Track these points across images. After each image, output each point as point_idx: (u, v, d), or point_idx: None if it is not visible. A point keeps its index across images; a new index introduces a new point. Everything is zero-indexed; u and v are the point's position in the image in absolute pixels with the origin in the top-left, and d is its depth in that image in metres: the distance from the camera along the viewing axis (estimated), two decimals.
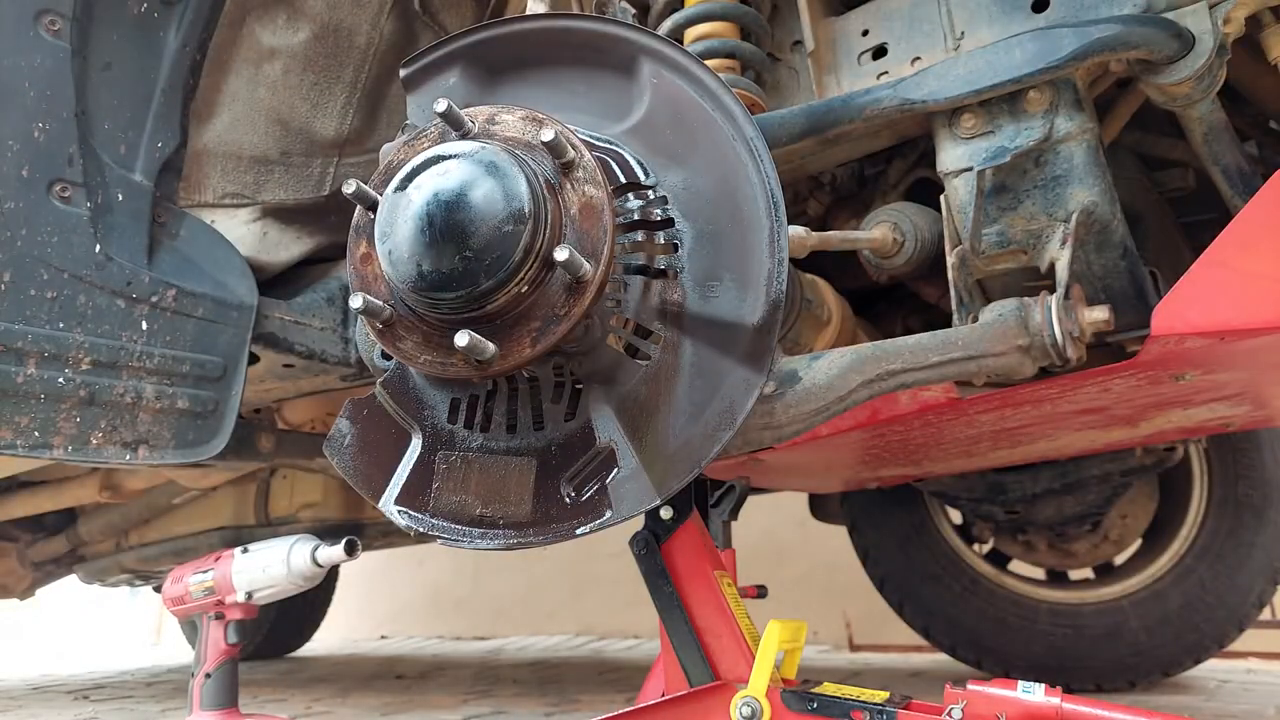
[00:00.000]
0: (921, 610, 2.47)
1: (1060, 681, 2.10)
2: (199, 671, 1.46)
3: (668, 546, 1.23)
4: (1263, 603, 2.18)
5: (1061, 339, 0.90)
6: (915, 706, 1.04)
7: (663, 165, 0.86)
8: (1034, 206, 1.03)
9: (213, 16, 1.29)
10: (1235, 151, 1.08)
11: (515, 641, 4.46)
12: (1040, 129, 1.00)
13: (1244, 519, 2.19)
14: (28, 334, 1.12)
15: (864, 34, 1.14)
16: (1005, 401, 1.25)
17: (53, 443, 1.14)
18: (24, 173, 1.13)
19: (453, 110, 0.80)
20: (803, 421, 0.95)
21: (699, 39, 1.14)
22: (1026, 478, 2.24)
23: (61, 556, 2.83)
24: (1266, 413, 1.64)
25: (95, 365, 1.17)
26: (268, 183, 1.40)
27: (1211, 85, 0.97)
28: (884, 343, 0.96)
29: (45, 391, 1.14)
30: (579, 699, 2.49)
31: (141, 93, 1.26)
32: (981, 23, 1.06)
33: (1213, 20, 0.93)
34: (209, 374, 1.28)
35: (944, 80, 1.01)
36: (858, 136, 1.10)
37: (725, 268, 0.83)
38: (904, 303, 1.46)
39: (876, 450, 1.64)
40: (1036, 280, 1.05)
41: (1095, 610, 2.29)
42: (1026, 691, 1.03)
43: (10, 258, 1.11)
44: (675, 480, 0.80)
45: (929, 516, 2.49)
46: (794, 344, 1.16)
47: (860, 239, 1.14)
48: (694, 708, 1.11)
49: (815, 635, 3.57)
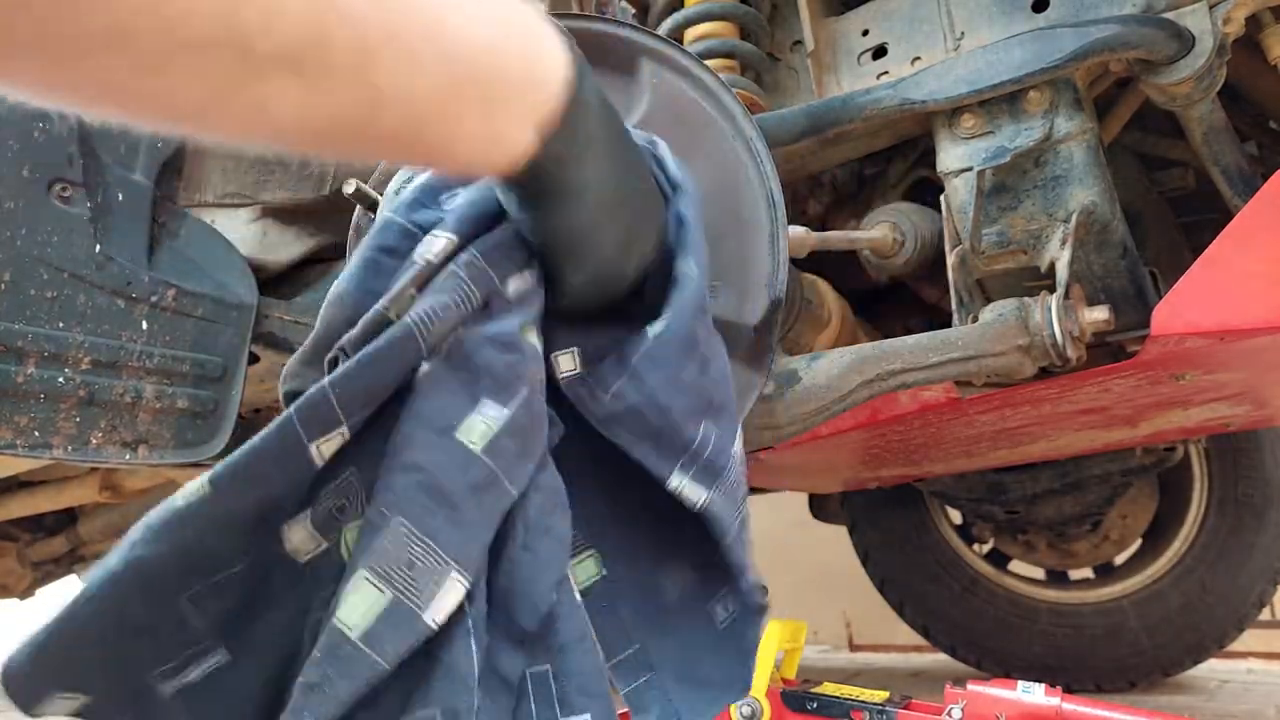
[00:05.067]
0: (921, 610, 2.47)
1: (1060, 681, 2.09)
2: None
3: None
4: (1263, 603, 2.18)
5: (1061, 339, 0.90)
6: (915, 706, 1.05)
7: None
8: (1034, 206, 1.03)
9: None
10: (1235, 151, 1.08)
11: None
12: (1040, 129, 1.00)
13: (1244, 519, 2.19)
14: (28, 334, 1.12)
15: (864, 34, 1.14)
16: (1005, 401, 1.25)
17: (52, 443, 1.14)
18: (24, 172, 1.13)
19: None
20: (803, 421, 0.95)
21: (699, 39, 1.14)
22: (1026, 478, 2.24)
23: (61, 556, 2.82)
24: (1266, 413, 1.64)
25: (95, 365, 1.17)
26: (268, 182, 1.40)
27: (1211, 85, 0.97)
28: (884, 343, 0.96)
29: (45, 391, 1.14)
30: None
31: None
32: (981, 23, 1.06)
33: (1213, 20, 0.93)
34: (209, 374, 1.28)
35: (944, 80, 1.01)
36: (858, 136, 1.10)
37: (725, 268, 0.83)
38: (904, 303, 1.47)
39: (876, 450, 1.64)
40: (1036, 280, 1.05)
41: (1095, 610, 2.29)
42: (1026, 691, 1.03)
43: (10, 257, 1.11)
44: None
45: (929, 516, 2.49)
46: (794, 344, 1.16)
47: (860, 239, 1.14)
48: None
49: (815, 635, 3.57)
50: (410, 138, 0.45)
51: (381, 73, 0.41)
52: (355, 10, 0.39)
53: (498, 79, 0.46)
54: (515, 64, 0.48)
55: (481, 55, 0.45)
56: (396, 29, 0.41)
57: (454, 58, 0.44)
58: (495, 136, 0.48)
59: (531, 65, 0.49)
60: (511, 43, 0.47)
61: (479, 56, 0.45)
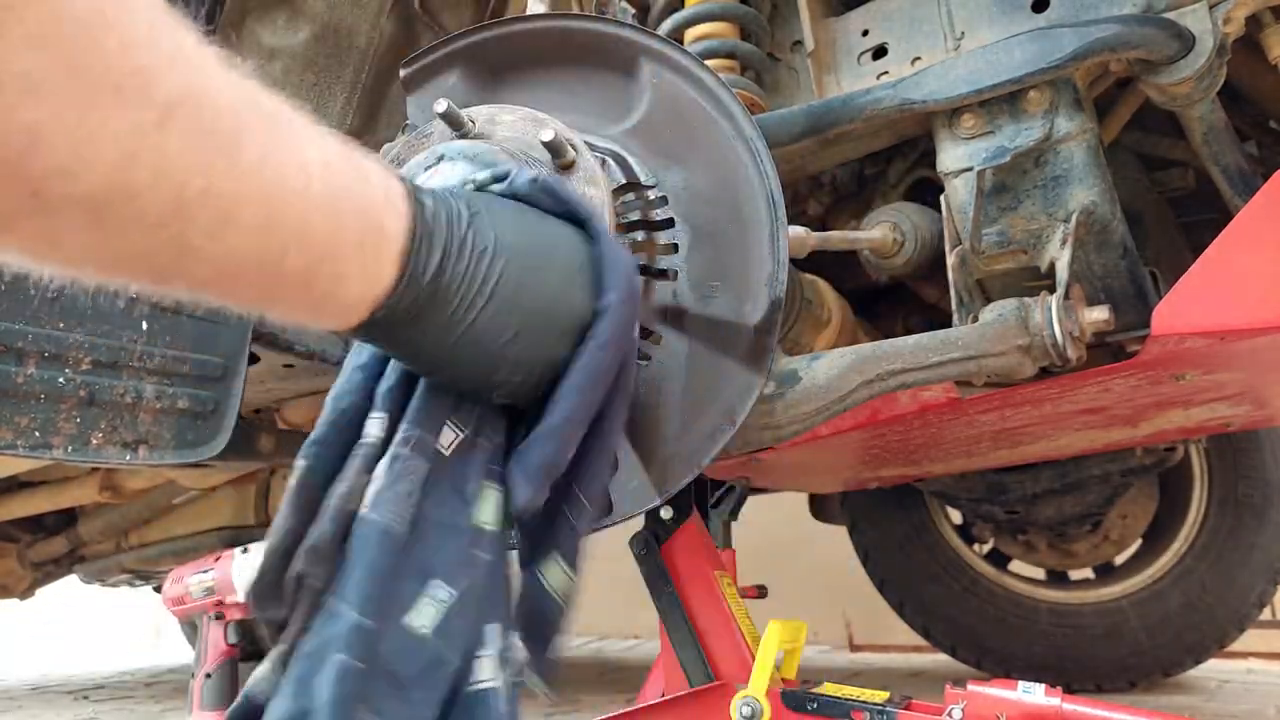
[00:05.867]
0: (921, 610, 2.47)
1: (1060, 681, 2.09)
2: (199, 671, 1.46)
3: (668, 547, 1.23)
4: (1263, 603, 2.18)
5: (1061, 339, 0.90)
6: (915, 706, 1.05)
7: (663, 165, 0.86)
8: (1034, 206, 1.03)
9: (212, 17, 1.29)
10: (1235, 151, 1.08)
11: None
12: (1040, 129, 1.00)
13: (1244, 519, 2.19)
14: (28, 334, 1.12)
15: (864, 34, 1.14)
16: (1005, 401, 1.25)
17: (53, 443, 1.14)
18: None
19: (452, 110, 0.80)
20: (802, 421, 0.95)
21: (699, 39, 1.14)
22: (1027, 478, 2.24)
23: (61, 557, 2.82)
24: (1266, 413, 1.64)
25: (95, 365, 1.17)
26: None
27: (1211, 85, 0.97)
28: (884, 343, 0.96)
29: (45, 391, 1.14)
30: (579, 699, 2.49)
31: None
32: (981, 23, 1.06)
33: (1213, 20, 0.93)
34: (209, 374, 1.28)
35: (944, 80, 1.01)
36: (858, 136, 1.10)
37: (725, 268, 0.83)
38: (904, 303, 1.46)
39: (876, 450, 1.64)
40: (1036, 280, 1.05)
41: (1095, 610, 2.29)
42: (1026, 692, 1.03)
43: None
44: (675, 480, 0.80)
45: (929, 516, 2.49)
46: (794, 344, 1.16)
47: (860, 239, 1.14)
48: (694, 708, 1.11)
49: (815, 635, 3.57)
50: (224, 293, 0.45)
51: (194, 231, 0.40)
52: (175, 166, 0.37)
53: (326, 248, 0.46)
54: (349, 233, 0.47)
55: (312, 224, 0.45)
56: (218, 189, 0.39)
57: (280, 225, 0.43)
58: (318, 303, 0.48)
59: (363, 238, 0.48)
60: (345, 218, 0.47)
61: (308, 226, 0.44)
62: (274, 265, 0.44)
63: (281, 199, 0.43)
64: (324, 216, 0.45)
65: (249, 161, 0.41)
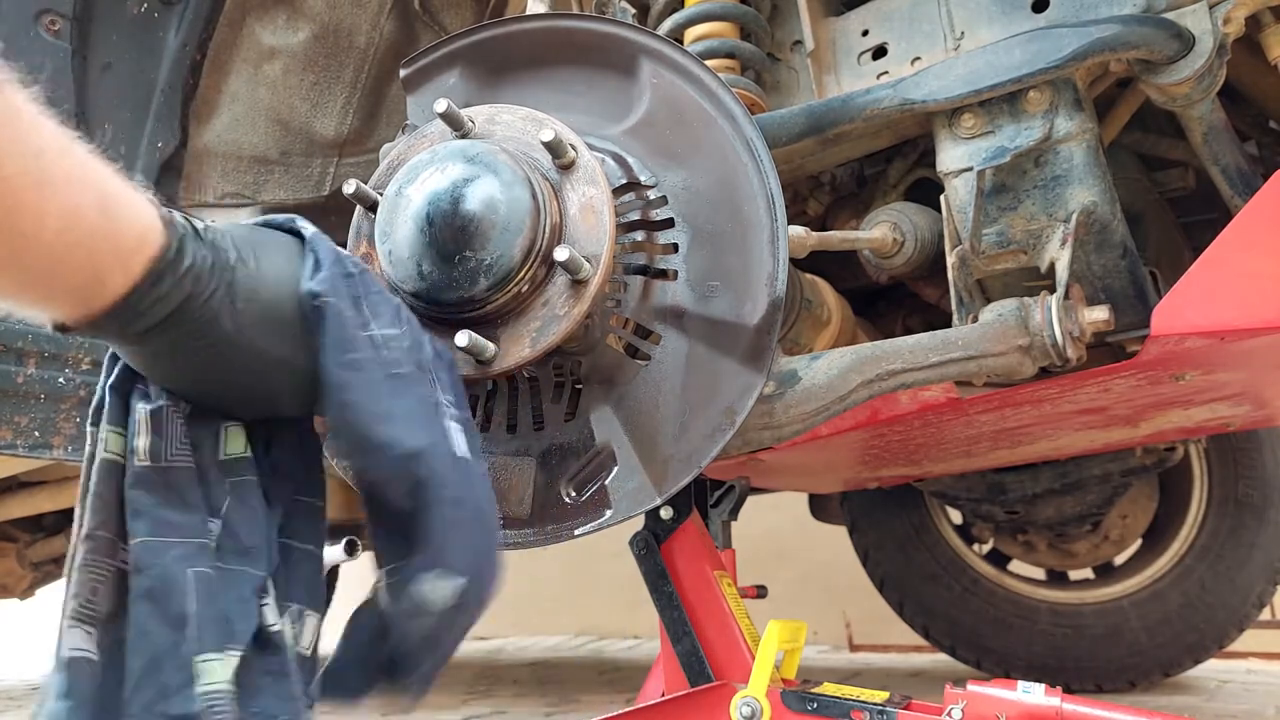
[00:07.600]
0: (921, 610, 2.47)
1: (1060, 681, 2.10)
2: None
3: (668, 547, 1.23)
4: (1263, 603, 2.18)
5: (1061, 339, 0.90)
6: (915, 706, 1.05)
7: (663, 165, 0.86)
8: (1034, 206, 1.03)
9: (212, 16, 1.29)
10: (1235, 151, 1.08)
11: (515, 641, 4.46)
12: (1040, 129, 1.00)
13: (1244, 519, 2.19)
14: (28, 334, 1.12)
15: (864, 34, 1.14)
16: (1005, 401, 1.25)
17: (53, 443, 1.14)
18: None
19: (452, 110, 0.80)
20: (802, 421, 0.95)
21: (699, 39, 1.14)
22: (1026, 478, 2.24)
23: (61, 557, 2.83)
24: (1266, 413, 1.64)
25: (95, 365, 1.17)
26: (268, 183, 1.40)
27: (1211, 85, 0.97)
28: (884, 343, 0.96)
29: (45, 391, 1.14)
30: (579, 699, 2.49)
31: (141, 93, 1.26)
32: (981, 23, 1.06)
33: (1213, 20, 0.93)
34: None
35: (944, 80, 1.01)
36: (858, 136, 1.10)
37: (725, 268, 0.83)
38: (904, 303, 1.46)
39: (876, 450, 1.64)
40: (1036, 280, 1.05)
41: (1095, 610, 2.29)
42: (1026, 692, 1.03)
43: None
44: (675, 480, 0.80)
45: (929, 516, 2.49)
46: (794, 344, 1.16)
47: (860, 239, 1.14)
48: (694, 708, 1.11)
49: (815, 635, 3.57)
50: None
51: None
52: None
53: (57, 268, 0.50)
54: (81, 256, 0.51)
55: (49, 244, 0.49)
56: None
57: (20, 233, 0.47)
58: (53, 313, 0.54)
59: (96, 262, 0.52)
60: (74, 252, 0.50)
61: (45, 247, 0.49)
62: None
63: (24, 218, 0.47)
64: (61, 239, 0.49)
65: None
